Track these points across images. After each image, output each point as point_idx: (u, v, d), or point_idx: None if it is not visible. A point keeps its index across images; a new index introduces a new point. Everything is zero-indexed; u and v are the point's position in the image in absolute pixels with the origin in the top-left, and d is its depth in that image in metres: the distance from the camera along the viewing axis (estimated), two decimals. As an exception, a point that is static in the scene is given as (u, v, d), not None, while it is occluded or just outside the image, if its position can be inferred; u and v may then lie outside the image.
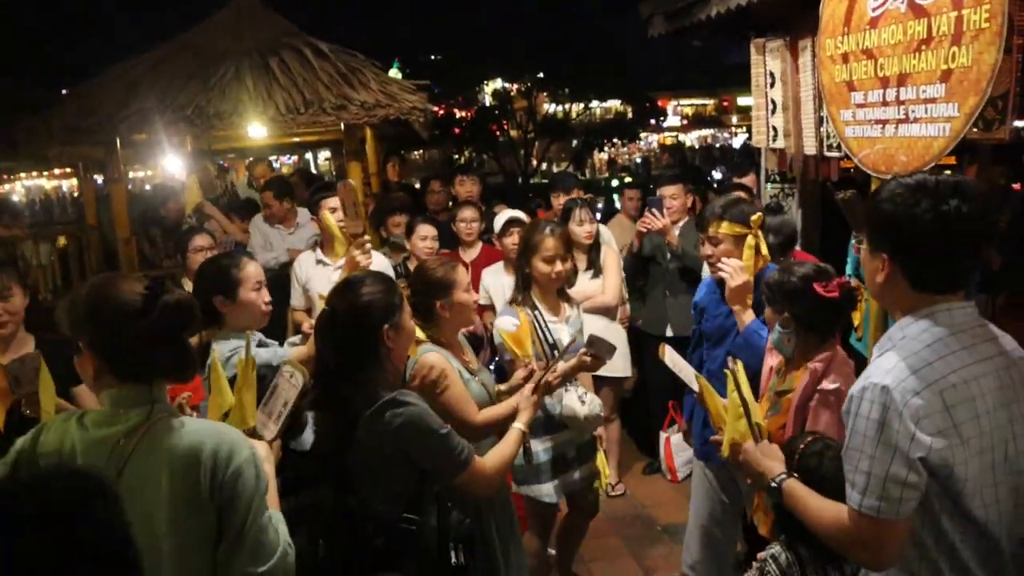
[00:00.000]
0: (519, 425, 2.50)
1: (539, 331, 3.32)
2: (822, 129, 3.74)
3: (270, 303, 2.85)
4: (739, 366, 2.32)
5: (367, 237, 3.04)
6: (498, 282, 4.48)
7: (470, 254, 4.93)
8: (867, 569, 1.84)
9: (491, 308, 4.48)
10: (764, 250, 3.03)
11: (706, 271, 3.37)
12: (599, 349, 3.01)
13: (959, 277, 1.72)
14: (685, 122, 35.87)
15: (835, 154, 3.68)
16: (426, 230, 4.61)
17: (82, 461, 1.66)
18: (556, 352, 3.20)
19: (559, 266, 3.31)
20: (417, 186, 7.12)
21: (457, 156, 14.16)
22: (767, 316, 2.73)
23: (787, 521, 2.12)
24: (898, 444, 1.62)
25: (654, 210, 4.50)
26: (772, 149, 4.37)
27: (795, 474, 2.04)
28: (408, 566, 2.15)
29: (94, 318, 1.69)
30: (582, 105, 17.05)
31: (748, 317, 2.96)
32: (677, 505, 4.51)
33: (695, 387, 2.64)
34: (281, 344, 3.19)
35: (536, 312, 3.33)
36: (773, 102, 4.19)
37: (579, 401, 3.23)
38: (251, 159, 8.21)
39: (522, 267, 3.40)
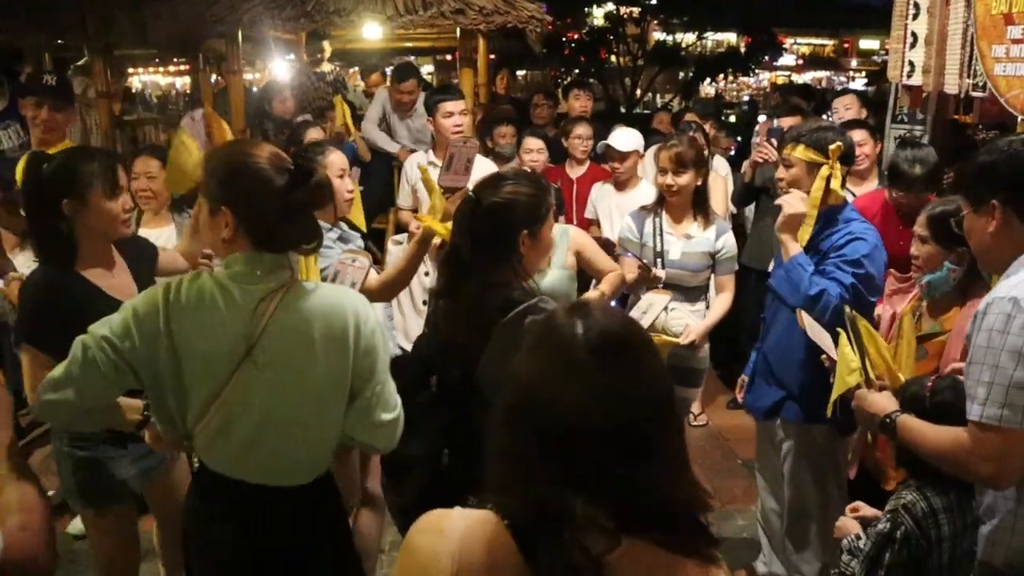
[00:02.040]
0: None
1: (654, 239, 3.52)
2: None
3: (351, 192, 3.00)
4: (857, 316, 2.29)
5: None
6: (606, 199, 4.47)
7: (577, 171, 4.91)
8: (990, 488, 1.82)
9: (596, 223, 4.49)
10: (837, 185, 2.79)
11: None
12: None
13: None
14: (800, 62, 34.24)
15: (980, 94, 3.47)
16: (533, 143, 4.59)
17: (227, 313, 1.75)
18: (660, 261, 3.45)
19: (670, 179, 3.42)
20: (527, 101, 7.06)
21: (560, 79, 13.94)
22: (927, 253, 2.63)
23: (917, 466, 2.07)
24: (1022, 349, 1.61)
25: (773, 140, 4.36)
26: (907, 86, 4.15)
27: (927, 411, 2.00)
28: None
29: (239, 186, 1.77)
30: (695, 35, 16.46)
31: (795, 249, 2.80)
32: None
33: (834, 355, 2.38)
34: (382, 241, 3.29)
35: (657, 220, 3.49)
36: (914, 35, 3.96)
37: (663, 311, 3.38)
38: (363, 66, 8.23)
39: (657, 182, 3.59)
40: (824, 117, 5.06)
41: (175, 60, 12.63)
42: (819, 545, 3.11)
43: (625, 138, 4.40)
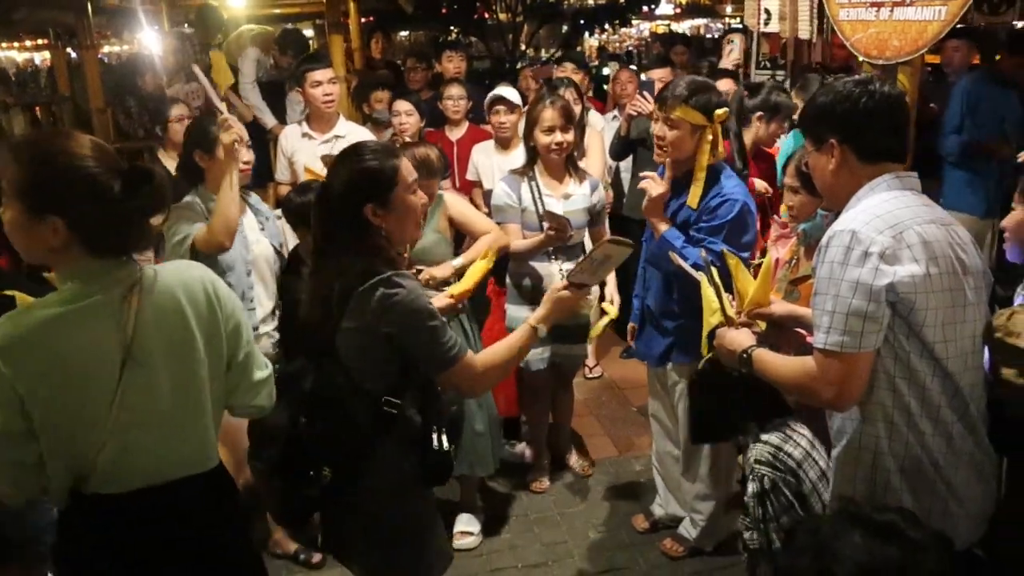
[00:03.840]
0: (532, 321, 2.19)
1: (535, 203, 3.50)
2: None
3: (249, 163, 3.06)
4: (727, 254, 2.40)
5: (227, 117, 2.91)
6: (487, 160, 4.45)
7: (456, 133, 4.87)
8: (835, 411, 1.96)
9: (479, 184, 4.48)
10: (721, 148, 2.90)
11: None
12: (557, 222, 3.13)
13: (902, 146, 1.94)
14: (678, 11, 34.75)
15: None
16: (402, 105, 4.45)
17: (86, 332, 1.66)
18: (544, 225, 3.44)
19: (559, 136, 3.40)
20: (402, 65, 6.92)
21: (441, 38, 13.72)
22: (800, 202, 2.78)
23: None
24: (860, 279, 1.76)
25: (645, 93, 4.43)
26: (764, 34, 4.28)
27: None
28: (388, 447, 2.11)
29: (71, 193, 1.63)
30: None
31: (663, 227, 2.95)
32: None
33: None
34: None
35: (533, 183, 3.44)
36: (769, -18, 4.08)
37: (559, 272, 3.38)
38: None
39: (527, 140, 3.52)
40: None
41: (30, 35, 11.81)
42: (713, 482, 3.26)
43: (513, 92, 4.40)
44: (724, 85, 3.86)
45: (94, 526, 1.77)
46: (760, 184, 3.92)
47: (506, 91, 4.33)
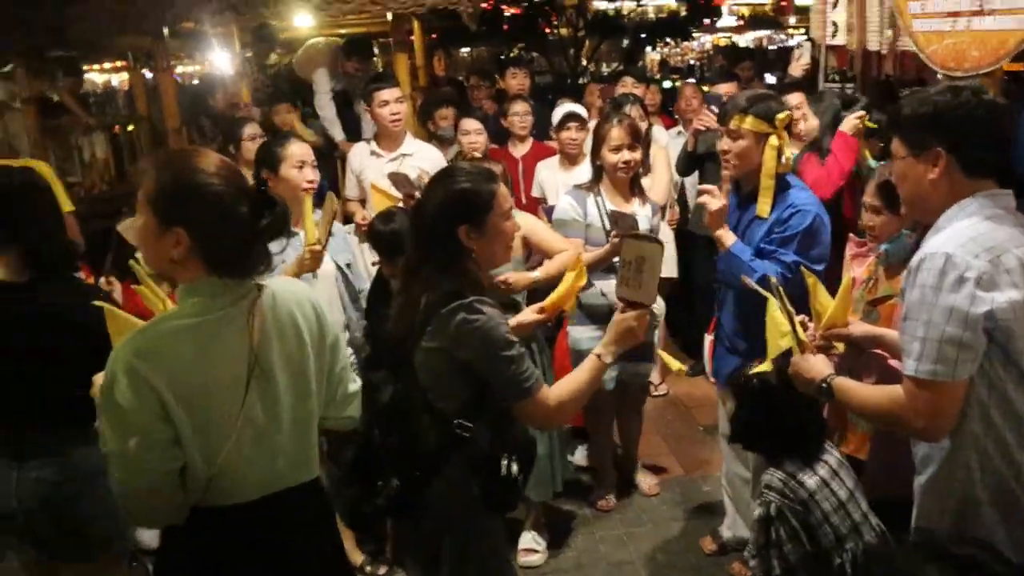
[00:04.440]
0: (597, 350, 2.17)
1: (601, 219, 3.48)
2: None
3: (313, 182, 3.15)
4: (805, 272, 2.36)
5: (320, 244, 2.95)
6: (552, 176, 4.45)
7: (520, 149, 4.88)
8: (925, 440, 1.88)
9: (543, 200, 4.48)
10: (788, 154, 2.86)
11: None
12: (622, 226, 3.09)
13: (1000, 163, 1.83)
14: (741, 22, 34.40)
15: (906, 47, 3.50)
16: (470, 124, 4.48)
17: (214, 345, 1.70)
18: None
19: (627, 155, 3.39)
20: (465, 82, 7.00)
21: (503, 55, 13.84)
22: (882, 222, 2.72)
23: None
24: (955, 304, 1.67)
25: (712, 107, 4.38)
26: (831, 46, 4.19)
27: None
28: (456, 467, 2.12)
29: (198, 209, 1.68)
30: (635, 2, 16.45)
31: (729, 240, 2.90)
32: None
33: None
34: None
35: (599, 199, 3.44)
36: (836, -5, 4.00)
37: None
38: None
39: (594, 158, 3.51)
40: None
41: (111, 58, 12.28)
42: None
43: (582, 108, 4.44)
44: (794, 99, 3.78)
45: (203, 538, 1.78)
46: None
47: (576, 107, 4.34)
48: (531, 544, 3.50)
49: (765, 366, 2.36)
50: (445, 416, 2.09)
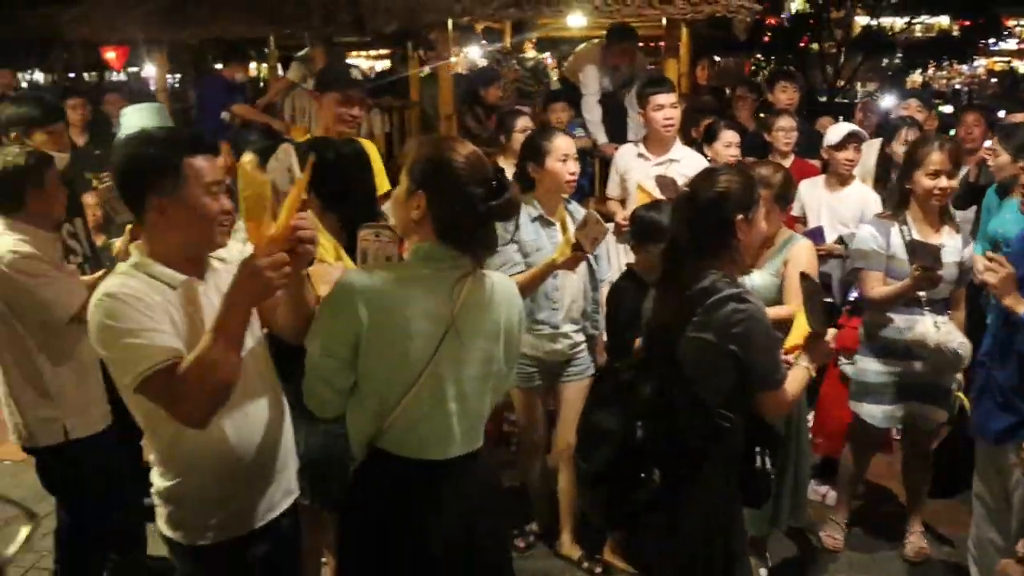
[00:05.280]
0: (806, 364, 2.32)
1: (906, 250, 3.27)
2: None
3: (574, 174, 3.23)
4: None
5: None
6: (815, 195, 4.31)
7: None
8: None
9: (802, 220, 4.33)
10: None
11: None
12: (922, 256, 2.93)
13: None
14: (1023, 46, 31.05)
15: None
16: (730, 136, 4.41)
17: (426, 294, 1.93)
18: None
19: (944, 182, 3.19)
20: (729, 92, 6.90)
21: (759, 67, 13.46)
22: None
23: None
24: None
25: (1008, 137, 4.03)
26: None
27: None
28: (716, 460, 2.19)
29: (439, 179, 1.93)
30: (904, 19, 15.35)
31: (1021, 307, 2.64)
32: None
33: None
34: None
35: (904, 228, 3.25)
36: None
37: (933, 327, 3.14)
38: (559, 53, 8.33)
39: (903, 181, 3.32)
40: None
41: (379, 46, 13.24)
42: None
43: (859, 129, 4.28)
44: None
45: (385, 482, 1.99)
46: None
47: (857, 128, 4.19)
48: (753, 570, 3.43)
49: None
50: (707, 407, 2.16)
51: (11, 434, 2.95)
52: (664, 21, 5.36)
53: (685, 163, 4.08)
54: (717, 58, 9.59)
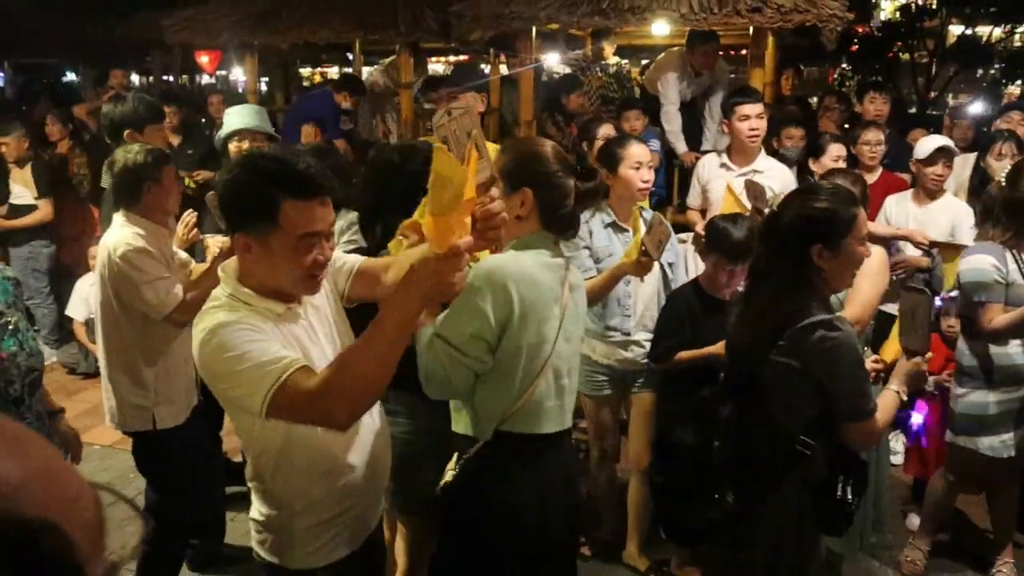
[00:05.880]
0: (895, 387, 2.24)
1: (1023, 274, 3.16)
2: None
3: (647, 182, 3.26)
4: None
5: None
6: (903, 210, 4.19)
7: (869, 179, 4.59)
8: None
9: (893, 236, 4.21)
10: None
11: None
12: None
13: None
14: None
15: None
16: (837, 150, 4.31)
17: (548, 282, 2.09)
18: None
19: None
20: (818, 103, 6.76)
21: (845, 77, 13.09)
22: None
23: None
24: None
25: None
26: None
27: None
28: (792, 485, 2.15)
29: (539, 173, 2.09)
30: (1003, 28, 14.69)
31: None
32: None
33: None
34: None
35: (1014, 252, 3.15)
36: None
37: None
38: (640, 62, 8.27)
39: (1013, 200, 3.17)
40: None
41: (459, 51, 13.43)
42: None
43: (950, 143, 4.17)
44: None
45: (517, 458, 2.11)
46: None
47: (947, 141, 4.05)
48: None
49: None
50: (788, 432, 2.11)
51: (106, 416, 3.10)
52: (751, 30, 5.28)
53: (769, 174, 4.01)
54: (803, 67, 9.40)
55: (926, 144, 4.12)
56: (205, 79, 15.02)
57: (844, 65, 13.76)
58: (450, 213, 1.56)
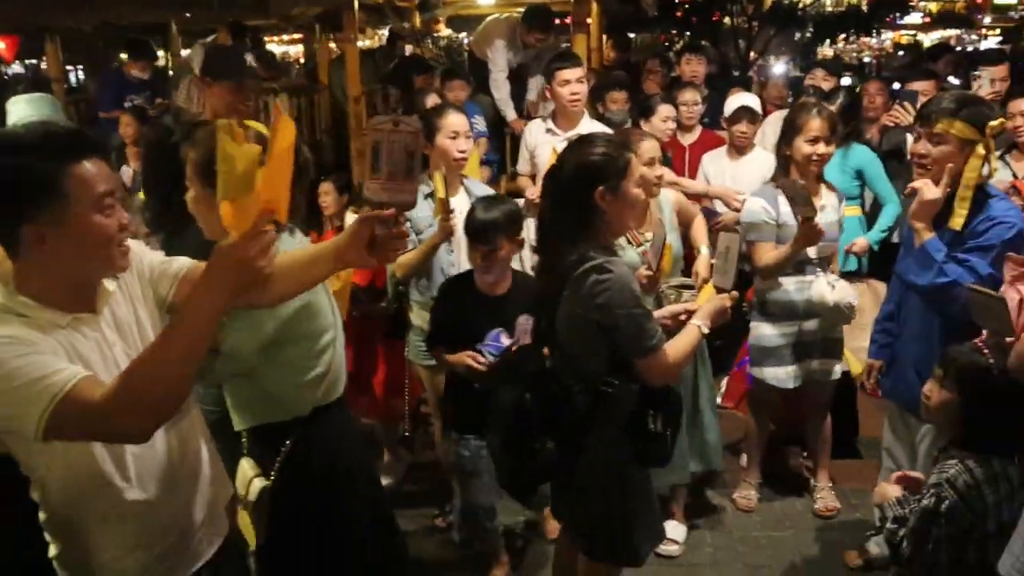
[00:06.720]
0: (698, 322, 2.33)
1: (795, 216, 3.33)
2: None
3: (464, 152, 3.25)
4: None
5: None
6: (719, 166, 4.39)
7: (688, 138, 4.83)
8: None
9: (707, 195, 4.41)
10: (994, 164, 2.68)
11: None
12: (797, 201, 3.15)
13: None
14: (927, 19, 32.15)
15: None
16: (667, 111, 4.46)
17: None
18: None
19: (822, 148, 3.29)
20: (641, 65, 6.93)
21: (672, 42, 13.58)
22: None
23: (960, 436, 2.23)
24: None
25: (906, 103, 4.16)
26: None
27: None
28: (606, 426, 2.23)
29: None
30: (814, -6, 15.70)
31: (927, 235, 2.71)
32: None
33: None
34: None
35: (784, 194, 3.38)
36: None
37: (828, 287, 3.26)
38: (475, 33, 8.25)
39: (781, 149, 3.40)
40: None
41: (290, 30, 13.00)
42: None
43: (755, 100, 4.39)
44: (1020, 105, 3.51)
45: (322, 431, 2.23)
46: None
47: (750, 100, 4.25)
48: (671, 534, 3.48)
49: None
50: (591, 376, 2.20)
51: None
52: (573, -5, 5.35)
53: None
54: (632, 35, 9.67)
55: (731, 103, 4.35)
56: (15, 69, 13.85)
57: (672, 31, 14.27)
58: (244, 196, 1.45)
